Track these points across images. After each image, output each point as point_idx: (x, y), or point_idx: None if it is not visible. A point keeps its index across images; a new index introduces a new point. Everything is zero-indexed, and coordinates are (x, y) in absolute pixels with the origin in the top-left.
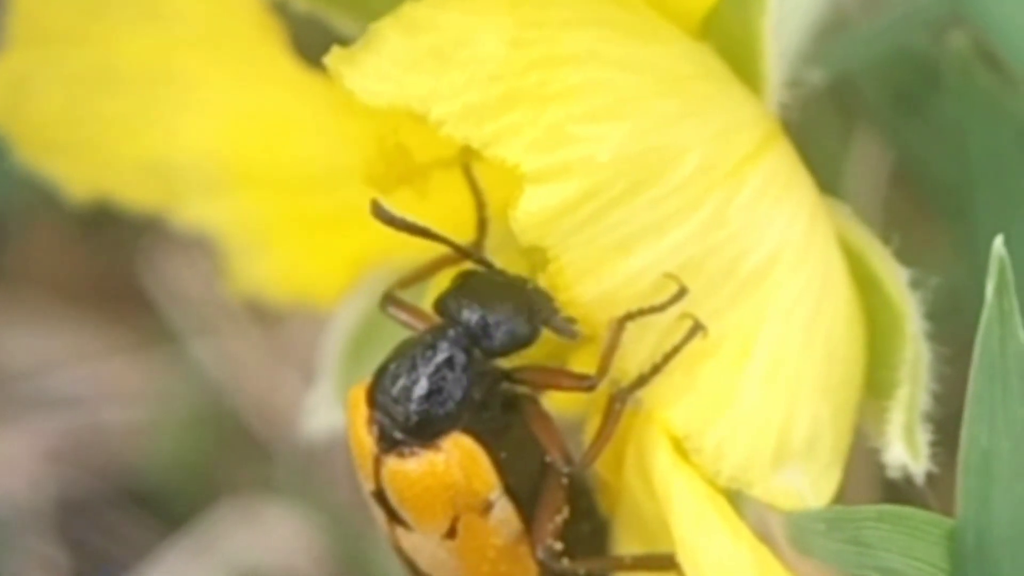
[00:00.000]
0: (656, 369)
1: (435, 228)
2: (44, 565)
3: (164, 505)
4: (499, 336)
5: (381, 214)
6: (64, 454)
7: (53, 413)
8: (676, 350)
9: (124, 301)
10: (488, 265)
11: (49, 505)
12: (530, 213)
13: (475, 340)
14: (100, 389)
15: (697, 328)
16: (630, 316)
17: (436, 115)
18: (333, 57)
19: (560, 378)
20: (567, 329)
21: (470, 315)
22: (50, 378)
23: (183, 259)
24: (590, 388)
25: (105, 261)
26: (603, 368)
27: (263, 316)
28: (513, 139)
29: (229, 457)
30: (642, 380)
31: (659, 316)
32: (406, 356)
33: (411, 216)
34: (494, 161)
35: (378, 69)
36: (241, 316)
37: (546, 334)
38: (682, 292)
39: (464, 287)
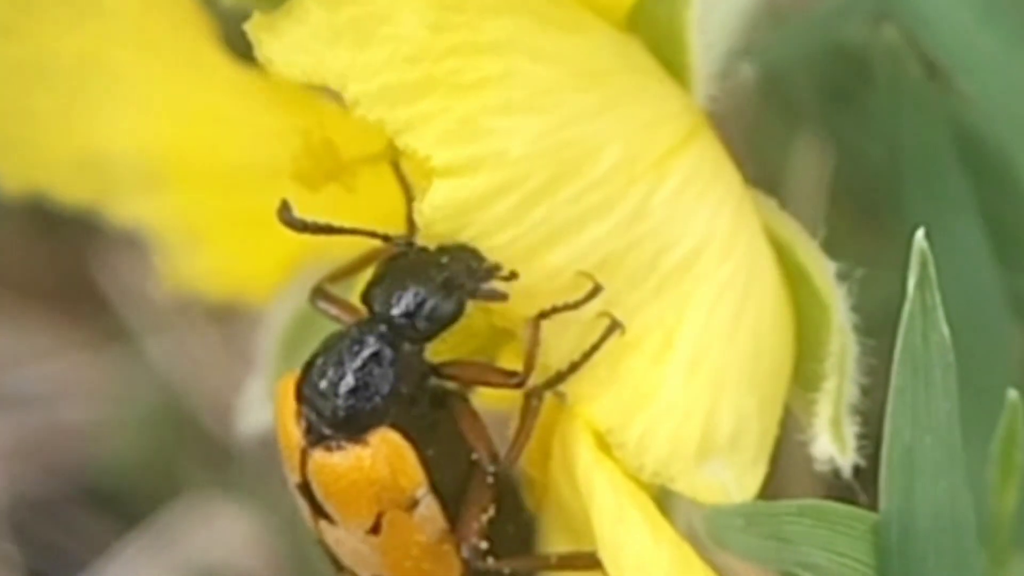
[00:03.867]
0: (573, 367)
1: (345, 223)
2: (1, 562)
3: (121, 503)
4: (423, 317)
5: (287, 219)
6: (21, 452)
7: (10, 412)
8: (594, 348)
9: (81, 300)
10: (410, 245)
11: (6, 503)
12: (435, 207)
13: (401, 329)
14: (57, 388)
15: (615, 327)
16: (545, 314)
17: (352, 94)
18: (254, 23)
19: (488, 374)
20: (494, 295)
21: (394, 302)
22: (7, 377)
23: (139, 259)
24: (518, 385)
25: (62, 261)
26: (529, 365)
27: (220, 315)
28: (425, 128)
29: (186, 456)
30: (559, 377)
31: (580, 312)
32: (333, 350)
33: (322, 217)
34: (406, 150)
35: (297, 40)
36: (198, 315)
37: (475, 328)
38: (597, 289)
39: (384, 274)
